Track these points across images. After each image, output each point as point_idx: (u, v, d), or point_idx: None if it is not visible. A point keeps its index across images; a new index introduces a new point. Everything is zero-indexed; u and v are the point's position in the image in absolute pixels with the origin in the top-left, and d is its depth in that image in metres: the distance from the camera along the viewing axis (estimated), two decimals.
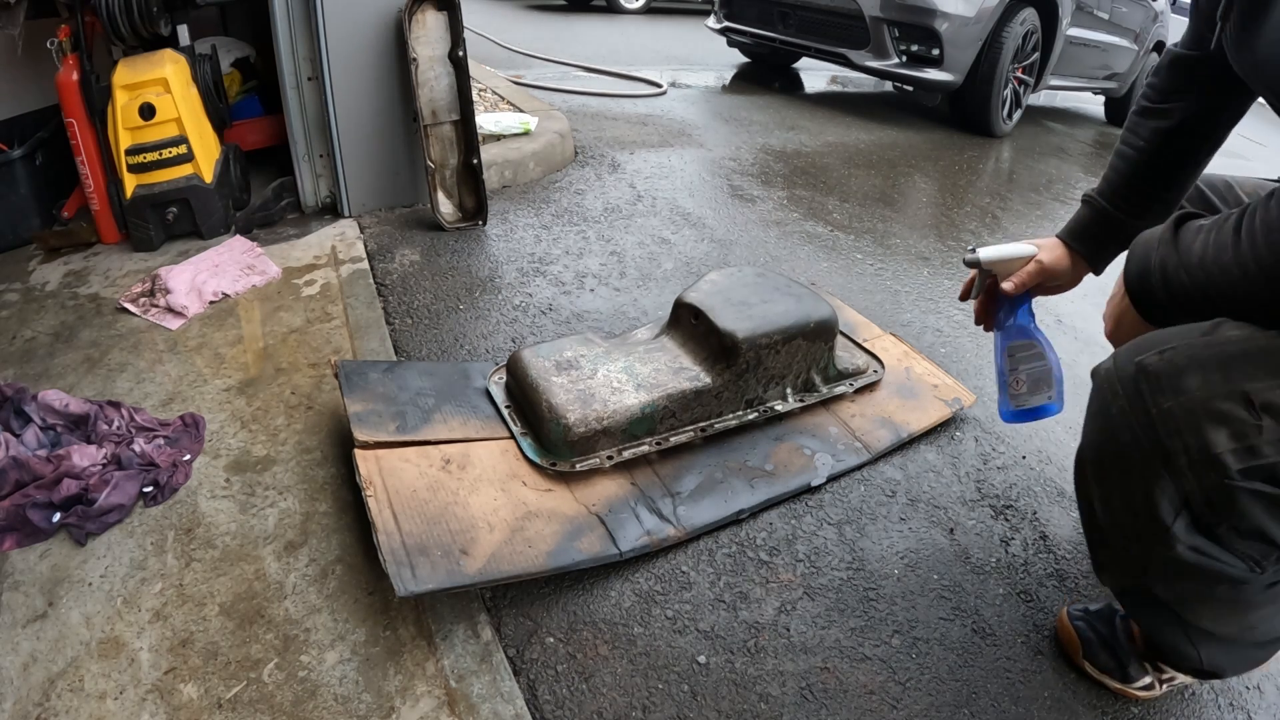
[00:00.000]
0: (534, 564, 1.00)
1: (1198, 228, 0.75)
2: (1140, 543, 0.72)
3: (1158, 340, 0.72)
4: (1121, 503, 0.73)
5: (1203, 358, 0.68)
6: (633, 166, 2.77)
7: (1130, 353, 0.73)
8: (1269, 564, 0.68)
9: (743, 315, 1.30)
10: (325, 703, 0.84)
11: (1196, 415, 0.66)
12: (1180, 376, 0.68)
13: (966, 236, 2.58)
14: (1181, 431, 0.67)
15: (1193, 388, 0.67)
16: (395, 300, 1.70)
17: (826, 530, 1.20)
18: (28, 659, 0.86)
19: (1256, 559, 0.67)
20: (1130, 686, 0.98)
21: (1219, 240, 0.72)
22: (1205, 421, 0.66)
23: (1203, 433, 0.65)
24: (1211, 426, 0.65)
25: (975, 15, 3.60)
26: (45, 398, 1.18)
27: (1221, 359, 0.68)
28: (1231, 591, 0.70)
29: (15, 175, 1.73)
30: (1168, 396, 0.68)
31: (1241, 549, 0.67)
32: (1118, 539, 0.77)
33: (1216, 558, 0.68)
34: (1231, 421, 0.65)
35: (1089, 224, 1.04)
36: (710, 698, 0.93)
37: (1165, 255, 0.77)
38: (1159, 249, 0.78)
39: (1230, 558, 0.68)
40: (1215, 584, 0.70)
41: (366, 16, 1.88)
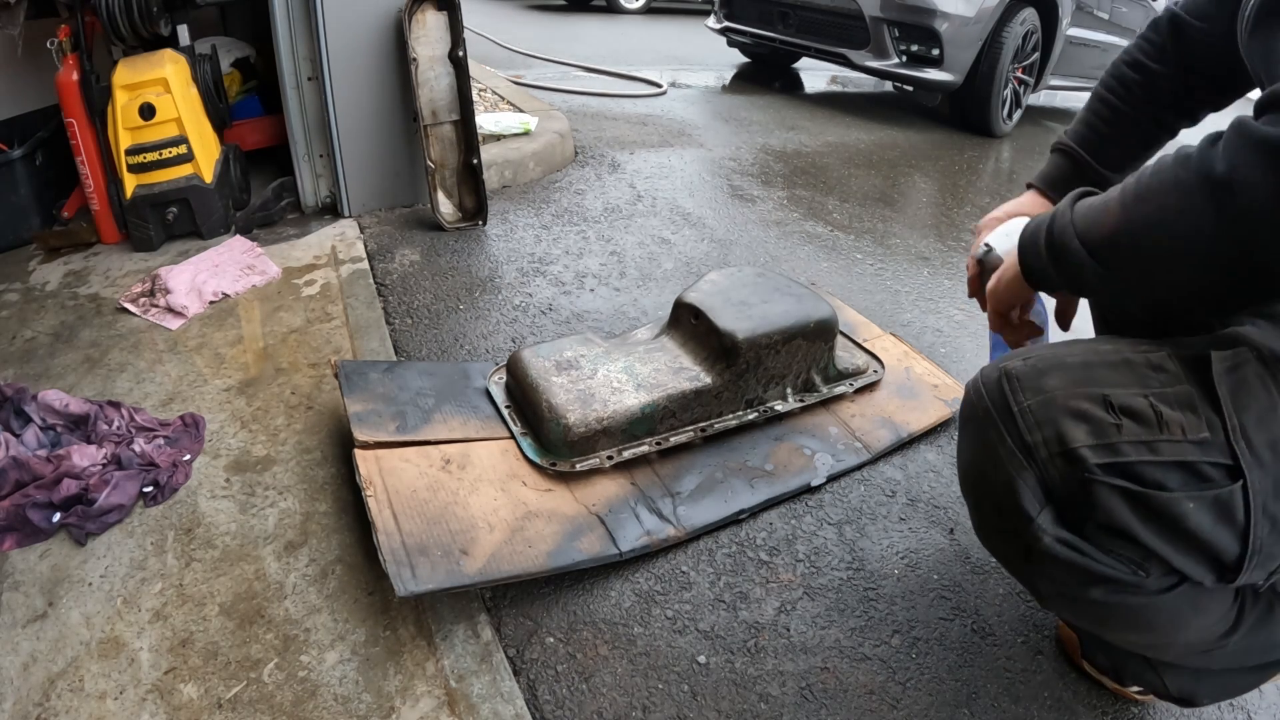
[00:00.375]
0: (534, 564, 1.00)
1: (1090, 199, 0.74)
2: (1011, 541, 0.74)
3: (1024, 352, 0.76)
4: (991, 504, 0.75)
5: (1066, 363, 0.71)
6: (633, 166, 2.77)
7: (996, 363, 0.76)
8: (1152, 567, 0.67)
9: (743, 315, 1.30)
10: (325, 703, 0.84)
11: (1055, 410, 0.68)
12: (1041, 377, 0.71)
13: (966, 236, 2.58)
14: (1041, 425, 0.68)
15: (1053, 386, 0.69)
16: (395, 300, 1.70)
17: (826, 530, 1.20)
18: (28, 659, 0.86)
19: (1136, 561, 0.67)
20: (1127, 689, 0.98)
21: (1105, 203, 0.70)
22: (1063, 417, 0.68)
23: (1060, 427, 0.67)
24: (1070, 422, 0.67)
25: (975, 15, 3.60)
26: (45, 398, 1.18)
27: (1084, 365, 0.70)
28: (1117, 595, 0.69)
29: (15, 175, 1.73)
30: (1029, 395, 0.70)
31: (1112, 548, 0.67)
32: (998, 541, 0.78)
33: (1088, 554, 0.67)
34: (1090, 419, 0.67)
35: (1069, 175, 1.02)
36: (710, 698, 0.93)
37: (1059, 224, 0.75)
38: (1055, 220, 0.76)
39: (1103, 556, 0.67)
40: (1091, 584, 0.69)
41: (366, 16, 1.88)
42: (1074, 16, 4.19)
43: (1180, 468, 0.65)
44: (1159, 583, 0.68)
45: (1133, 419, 0.66)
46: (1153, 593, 0.69)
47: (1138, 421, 0.66)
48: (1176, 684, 0.87)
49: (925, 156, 3.51)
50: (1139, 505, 0.65)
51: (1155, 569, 0.67)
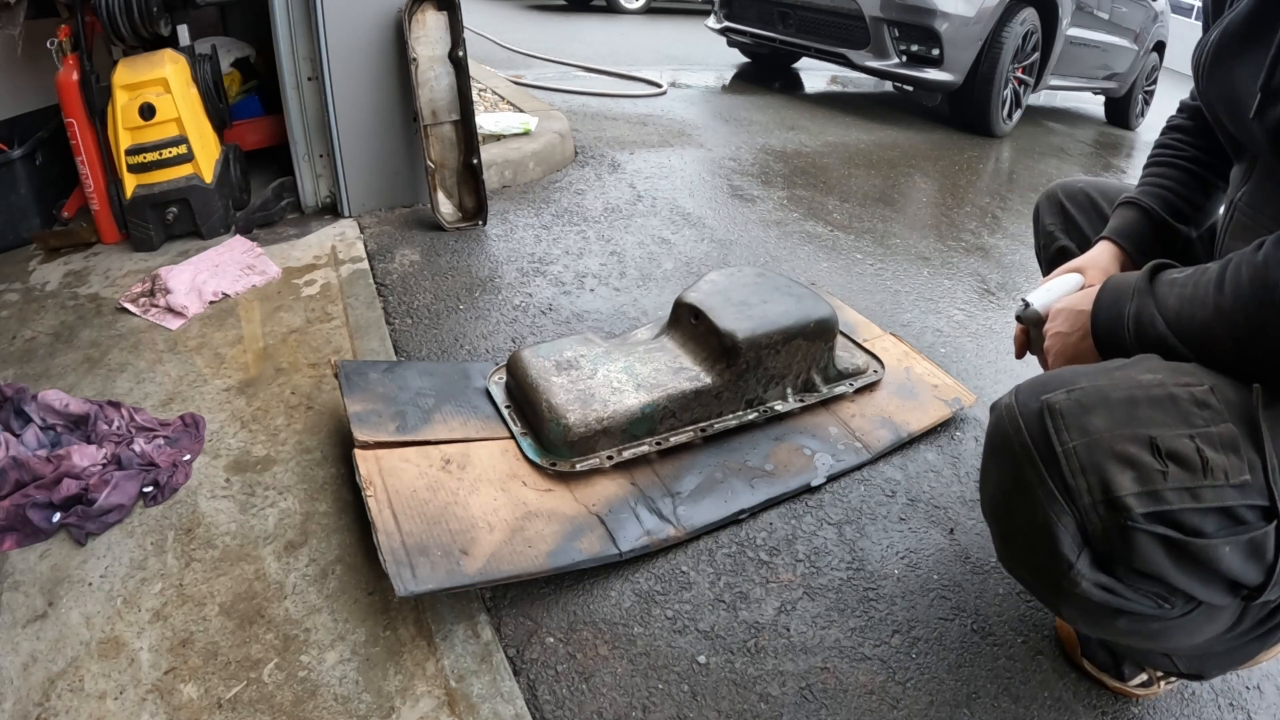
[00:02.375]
0: (534, 564, 1.00)
1: (1172, 280, 0.76)
2: (1042, 576, 0.72)
3: (1063, 379, 0.72)
4: (1024, 541, 0.72)
5: (1111, 399, 0.68)
6: (633, 166, 2.77)
7: (1033, 390, 0.72)
8: (1176, 601, 0.67)
9: (743, 315, 1.30)
10: (325, 703, 0.84)
11: (1101, 455, 0.65)
12: (1086, 415, 0.67)
13: (967, 236, 2.58)
14: (1085, 471, 0.66)
15: (1099, 428, 0.66)
16: (395, 300, 1.70)
17: (826, 530, 1.20)
18: (28, 659, 0.86)
19: (1163, 596, 0.67)
20: (1127, 684, 0.98)
21: (1197, 294, 0.72)
22: (1109, 462, 0.65)
23: (1106, 473, 0.65)
24: (1116, 468, 0.65)
25: (975, 15, 3.60)
26: (45, 398, 1.18)
27: (1129, 402, 0.67)
28: (1140, 624, 0.70)
29: (15, 175, 1.73)
30: (1073, 435, 0.67)
31: (1143, 588, 0.67)
32: (1025, 574, 0.77)
33: (1121, 594, 0.67)
34: (1136, 465, 0.65)
35: (1143, 228, 1.01)
36: (710, 698, 0.93)
37: (1140, 306, 0.76)
38: (1134, 299, 0.77)
39: (1134, 595, 0.67)
40: (1118, 616, 0.69)
41: (366, 16, 1.88)
42: (1074, 16, 4.19)
43: (1219, 512, 0.64)
44: (1180, 610, 0.69)
45: (1178, 464, 0.64)
46: (1172, 618, 0.69)
47: (1182, 467, 0.64)
48: (1185, 664, 0.88)
49: (925, 156, 3.51)
50: (1176, 551, 0.64)
51: (1179, 602, 0.68)
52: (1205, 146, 1.03)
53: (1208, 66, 0.84)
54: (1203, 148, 1.03)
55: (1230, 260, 0.70)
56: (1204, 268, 0.73)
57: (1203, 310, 0.71)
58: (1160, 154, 1.06)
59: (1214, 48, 0.82)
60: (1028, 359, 1.06)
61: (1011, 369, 1.74)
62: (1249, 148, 0.84)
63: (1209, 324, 0.71)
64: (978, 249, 2.49)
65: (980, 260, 2.39)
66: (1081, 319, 0.84)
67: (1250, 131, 0.78)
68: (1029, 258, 2.47)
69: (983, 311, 2.03)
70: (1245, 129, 0.79)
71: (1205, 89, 0.85)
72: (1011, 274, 2.32)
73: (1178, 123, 1.07)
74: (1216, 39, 0.82)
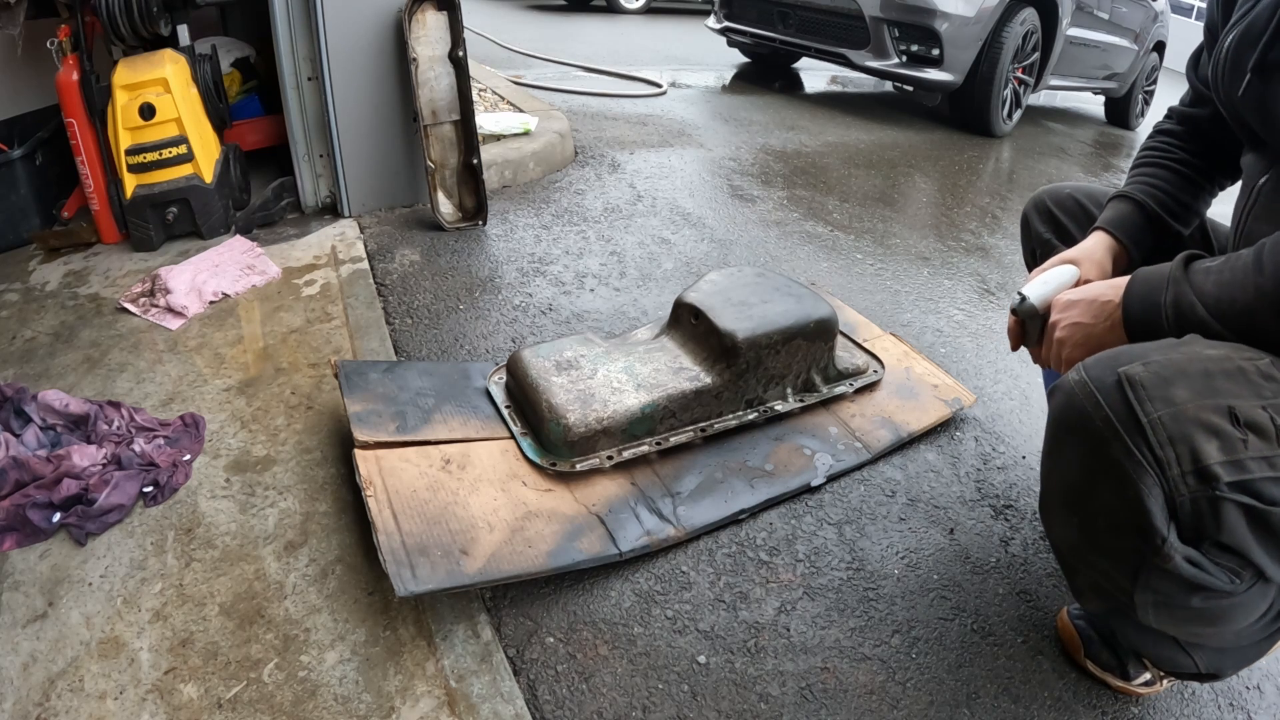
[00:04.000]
0: (534, 564, 1.00)
1: (1206, 268, 0.77)
2: (1128, 562, 0.71)
3: (1134, 354, 0.71)
4: (1108, 522, 0.72)
5: (1188, 371, 0.68)
6: (633, 166, 2.77)
7: (1104, 364, 0.71)
8: (1246, 575, 0.68)
9: (743, 315, 1.30)
10: (325, 703, 0.84)
11: (1189, 425, 0.65)
12: (1168, 386, 0.67)
13: (967, 237, 2.58)
14: (1175, 441, 0.66)
15: (1183, 398, 0.66)
16: (395, 300, 1.70)
17: (826, 530, 1.20)
18: (28, 659, 0.86)
19: (1235, 570, 0.68)
20: (1131, 684, 0.98)
21: (1235, 278, 0.73)
22: (1198, 431, 0.65)
23: (1196, 442, 0.65)
24: (1204, 437, 0.65)
25: (975, 15, 3.60)
26: (45, 398, 1.18)
27: (1204, 374, 0.68)
28: (1210, 600, 0.70)
29: (15, 175, 1.73)
30: (1159, 405, 0.66)
31: (1222, 562, 0.67)
32: (1101, 563, 0.76)
33: (1205, 569, 0.68)
34: (1221, 434, 0.65)
35: (1139, 222, 1.02)
36: (710, 698, 0.93)
37: (1179, 292, 0.77)
38: (1170, 288, 0.78)
39: (1216, 570, 0.68)
40: (1194, 593, 0.69)
41: (366, 16, 1.88)
42: (1074, 16, 4.19)
43: None
44: (1246, 585, 0.69)
45: (1256, 433, 0.65)
46: (1240, 594, 0.70)
47: (1260, 436, 0.65)
48: (1206, 661, 0.88)
49: (925, 156, 3.51)
50: (1257, 521, 0.65)
51: (1248, 575, 0.68)
52: (1195, 150, 1.04)
53: (1228, 70, 0.85)
54: (1192, 151, 1.04)
55: (1264, 244, 0.72)
56: (1237, 254, 0.75)
57: (1243, 294, 0.72)
58: (1149, 155, 1.07)
59: (1233, 51, 0.83)
60: (1023, 352, 1.06)
61: (1012, 369, 1.74)
62: (1274, 147, 0.84)
63: (1250, 306, 0.72)
64: (978, 249, 2.49)
65: (980, 260, 2.39)
66: (1108, 309, 0.83)
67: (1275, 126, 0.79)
68: None
69: (983, 311, 2.03)
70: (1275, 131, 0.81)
71: (1227, 92, 0.86)
72: (1011, 274, 2.32)
73: (1167, 127, 1.09)
74: (1235, 41, 0.83)
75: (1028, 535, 1.25)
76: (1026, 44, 3.90)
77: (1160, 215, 1.01)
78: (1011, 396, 1.64)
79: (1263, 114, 0.82)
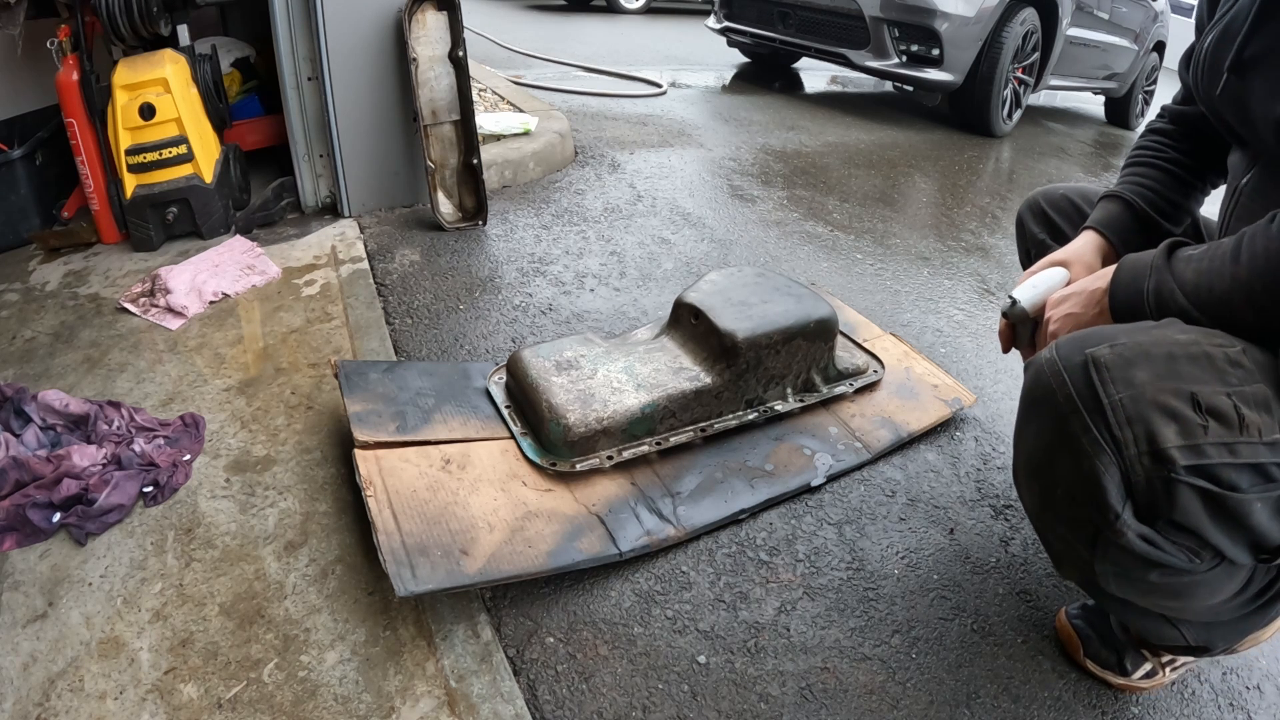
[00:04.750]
0: (534, 564, 1.00)
1: (1188, 256, 0.78)
2: (1086, 532, 0.73)
3: (1104, 335, 0.73)
4: (1065, 493, 0.74)
5: (1152, 355, 0.70)
6: (633, 166, 2.77)
7: (1074, 344, 0.73)
8: (1205, 555, 0.70)
9: (743, 315, 1.30)
10: (325, 703, 0.84)
11: (1147, 407, 0.67)
12: (1131, 368, 0.69)
13: (967, 237, 2.58)
14: (1132, 421, 0.68)
15: (1144, 380, 0.68)
16: (395, 300, 1.70)
17: (826, 530, 1.20)
18: (28, 659, 0.86)
19: (1194, 550, 0.70)
20: (1132, 679, 0.98)
21: (1214, 266, 0.75)
22: (1156, 414, 0.67)
23: (1153, 425, 0.67)
24: (1162, 420, 0.67)
25: (975, 15, 3.60)
26: (45, 398, 1.18)
27: (1169, 358, 0.70)
28: (1170, 577, 0.72)
29: (15, 175, 1.73)
30: (1119, 387, 0.69)
31: (1177, 540, 0.69)
32: (1062, 529, 0.78)
33: (1159, 546, 0.69)
34: (1180, 418, 0.67)
35: (1128, 222, 1.03)
36: (710, 698, 0.93)
37: (1160, 281, 0.79)
38: (1152, 275, 0.80)
39: (1170, 548, 0.69)
40: (1151, 568, 0.71)
41: (366, 16, 1.88)
42: (1074, 16, 4.19)
43: (1252, 469, 0.66)
44: (1207, 565, 0.71)
45: (1217, 420, 0.66)
46: (1200, 572, 0.72)
47: (1221, 423, 0.66)
48: (1194, 635, 0.89)
49: (925, 156, 3.51)
50: (1213, 505, 0.67)
51: (1208, 556, 0.70)
52: (1186, 150, 1.05)
53: (1206, 69, 0.86)
54: (1183, 150, 1.05)
55: (1244, 234, 0.73)
56: (1218, 243, 0.76)
57: (1220, 282, 0.73)
58: (1140, 155, 1.08)
59: (1211, 50, 0.84)
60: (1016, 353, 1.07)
61: (1012, 369, 1.74)
62: (1254, 146, 0.85)
63: (1227, 295, 0.73)
64: (978, 249, 2.49)
65: (980, 260, 2.39)
66: (1096, 297, 0.86)
67: (1257, 131, 0.80)
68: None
69: (983, 311, 2.03)
70: (1253, 129, 0.81)
71: (1206, 91, 0.87)
72: (1011, 274, 2.32)
73: (1158, 126, 1.10)
74: (1214, 41, 0.84)
75: (1028, 535, 1.25)
76: (1026, 44, 3.90)
77: (1149, 214, 1.02)
78: (1011, 396, 1.64)
79: (1241, 112, 0.83)
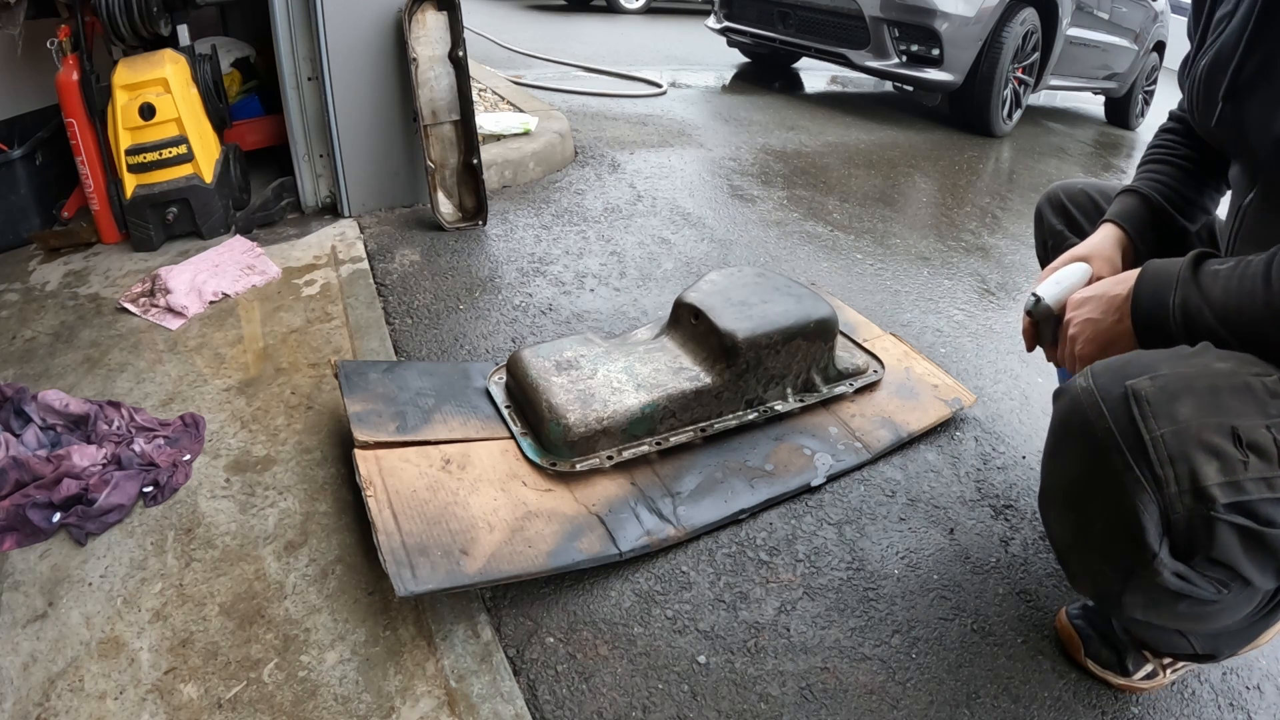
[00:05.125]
0: (534, 564, 1.00)
1: (1215, 271, 0.76)
2: (1119, 566, 0.72)
3: (1143, 364, 0.71)
4: (1104, 528, 0.72)
5: (1195, 388, 0.68)
6: (633, 166, 2.77)
7: (1113, 375, 0.71)
8: (1235, 586, 0.69)
9: (743, 315, 1.30)
10: (325, 703, 0.84)
11: (1190, 445, 0.66)
12: (1173, 403, 0.67)
13: (967, 237, 2.58)
14: (1174, 460, 0.66)
15: (1186, 416, 0.67)
16: (395, 300, 1.70)
17: (826, 530, 1.20)
18: (28, 659, 0.86)
19: (1224, 583, 0.69)
20: (1133, 680, 0.98)
21: (1244, 286, 0.72)
22: (1198, 452, 0.66)
23: (1195, 463, 0.65)
24: (1204, 458, 0.65)
25: (975, 15, 3.60)
26: (45, 398, 1.18)
27: (1211, 390, 0.68)
28: (1196, 607, 0.72)
29: (15, 175, 1.73)
30: (1162, 423, 0.67)
31: (1212, 575, 0.69)
32: (1094, 561, 0.77)
33: (1193, 582, 0.69)
34: (1222, 455, 0.65)
35: (1146, 217, 1.02)
36: (710, 698, 0.93)
37: (1187, 294, 0.76)
38: (1179, 288, 0.77)
39: (1203, 582, 0.69)
40: (1180, 601, 0.71)
41: (366, 16, 1.88)
42: (1074, 16, 4.19)
43: None
44: (1234, 595, 0.70)
45: (1257, 454, 0.65)
46: (1225, 600, 0.71)
47: (1261, 457, 0.65)
48: (1201, 643, 0.89)
49: (925, 156, 3.51)
50: (1250, 540, 0.66)
51: (1237, 587, 0.69)
52: (1199, 146, 1.05)
53: (1201, 97, 0.86)
54: (1197, 147, 1.05)
55: (1276, 253, 0.71)
56: (1247, 261, 0.73)
57: (1251, 305, 0.71)
58: (1155, 153, 1.08)
59: (1205, 76, 0.84)
60: (1023, 352, 1.07)
61: (1012, 369, 1.74)
62: (1254, 166, 0.85)
63: (1260, 319, 0.71)
64: (978, 249, 2.49)
65: (980, 260, 2.39)
66: (1117, 303, 0.83)
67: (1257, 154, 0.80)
68: (1029, 258, 2.47)
69: (983, 311, 2.03)
70: (1252, 152, 0.81)
71: (1201, 118, 0.87)
72: (1011, 274, 2.32)
73: (1170, 125, 1.10)
74: (1207, 67, 0.83)
75: (1028, 535, 1.25)
76: (1026, 44, 3.90)
77: (1165, 209, 1.02)
78: (1011, 396, 1.64)
79: (1240, 138, 0.82)
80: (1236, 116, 0.81)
